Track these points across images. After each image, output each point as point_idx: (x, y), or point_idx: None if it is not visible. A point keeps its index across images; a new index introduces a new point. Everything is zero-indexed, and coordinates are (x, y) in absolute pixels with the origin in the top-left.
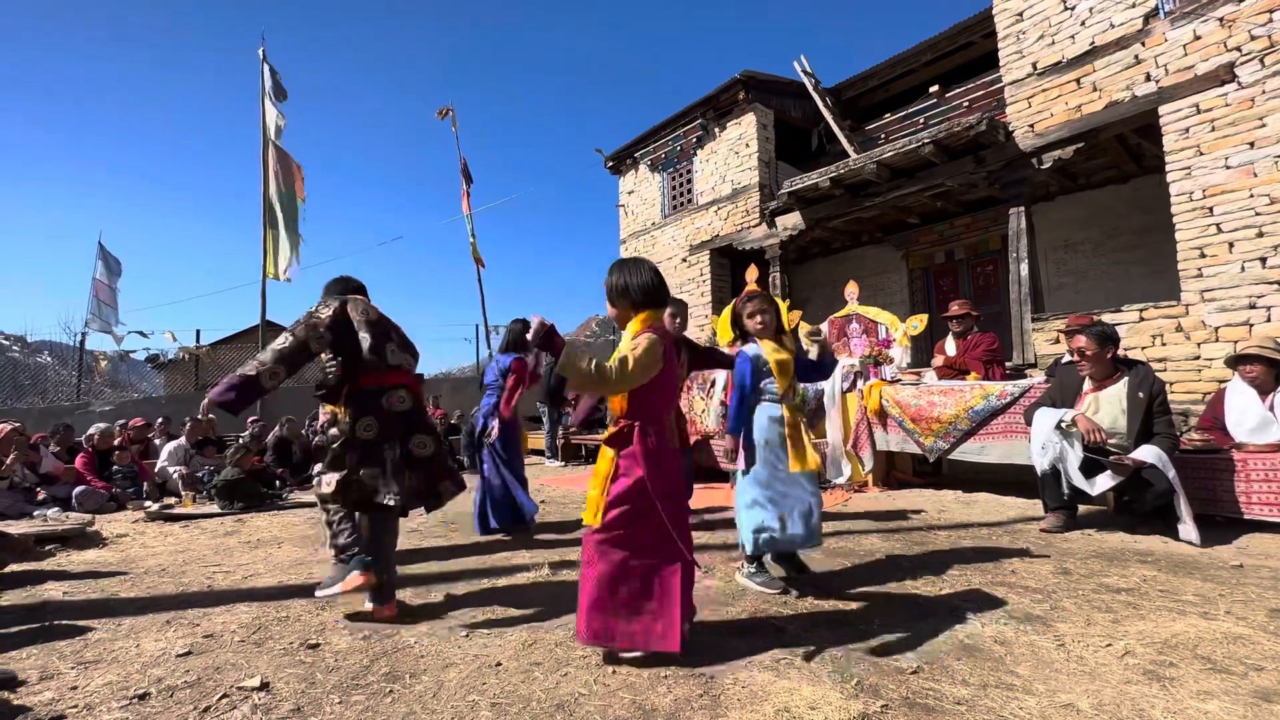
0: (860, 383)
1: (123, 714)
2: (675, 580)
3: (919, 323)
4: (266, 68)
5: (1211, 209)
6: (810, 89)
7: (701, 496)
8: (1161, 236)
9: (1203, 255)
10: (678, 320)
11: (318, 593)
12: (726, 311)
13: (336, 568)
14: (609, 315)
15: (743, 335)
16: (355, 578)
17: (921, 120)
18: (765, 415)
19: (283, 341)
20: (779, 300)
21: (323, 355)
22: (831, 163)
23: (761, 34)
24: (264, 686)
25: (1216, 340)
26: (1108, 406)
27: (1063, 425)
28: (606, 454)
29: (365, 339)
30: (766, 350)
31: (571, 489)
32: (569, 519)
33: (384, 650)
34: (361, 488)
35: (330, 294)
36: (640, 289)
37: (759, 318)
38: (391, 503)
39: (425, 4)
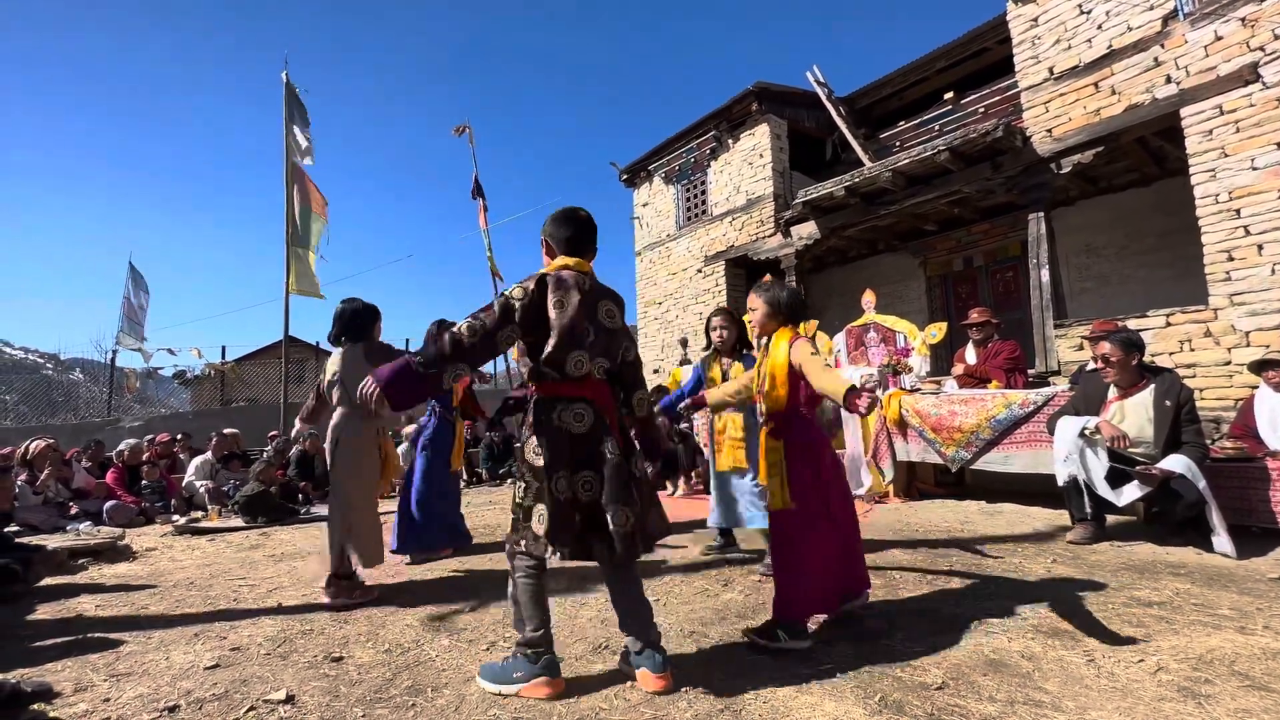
0: (879, 392)
1: None
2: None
3: (938, 331)
4: (290, 89)
5: (1239, 211)
6: (823, 98)
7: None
8: (1186, 239)
9: (1230, 258)
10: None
11: (489, 686)
12: (746, 317)
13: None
14: (755, 320)
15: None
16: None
17: (937, 128)
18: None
19: (461, 331)
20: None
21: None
22: (846, 172)
23: (774, 45)
24: (289, 699)
25: (1248, 345)
26: (1134, 415)
27: (1086, 432)
28: (774, 444)
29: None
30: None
31: None
32: None
33: (406, 664)
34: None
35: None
36: (792, 304)
37: (719, 332)
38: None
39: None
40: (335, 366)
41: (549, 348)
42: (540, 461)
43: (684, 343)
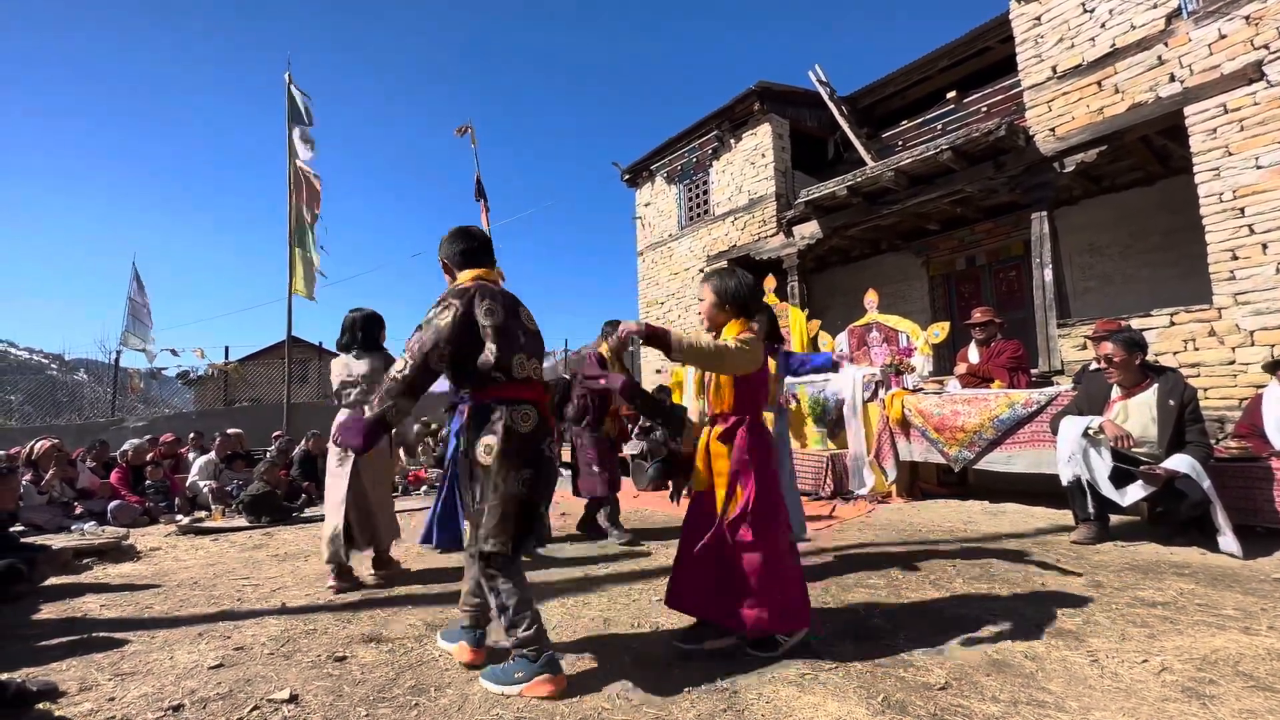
0: (881, 392)
1: None
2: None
3: (940, 330)
4: (293, 91)
5: (1243, 210)
6: (826, 98)
7: None
8: (1191, 238)
9: (1235, 257)
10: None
11: (493, 688)
12: (794, 307)
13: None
14: (702, 313)
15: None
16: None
17: (939, 127)
18: None
19: (402, 367)
20: (796, 311)
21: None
22: (848, 171)
23: (776, 45)
24: (293, 699)
25: (1252, 344)
26: (1137, 414)
27: (1090, 432)
28: (721, 450)
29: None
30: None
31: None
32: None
33: (409, 664)
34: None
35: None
36: (744, 294)
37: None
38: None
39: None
40: (349, 373)
41: (493, 353)
42: (490, 462)
43: None
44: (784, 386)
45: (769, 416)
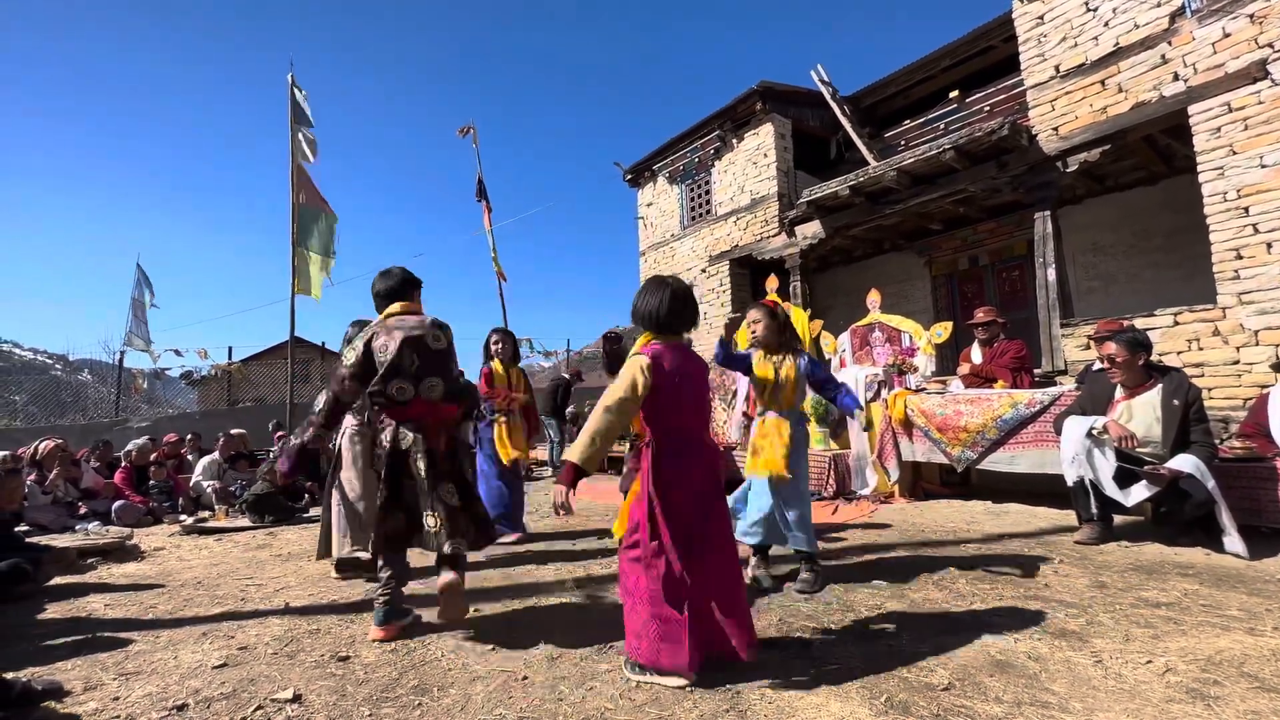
0: (884, 392)
1: None
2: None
3: (943, 330)
4: (295, 92)
5: (1247, 209)
6: (828, 98)
7: None
8: (1195, 238)
9: (1239, 257)
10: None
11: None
12: (801, 314)
13: None
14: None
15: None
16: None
17: (942, 126)
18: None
19: (321, 400)
20: (798, 311)
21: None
22: (851, 171)
23: (778, 44)
24: (297, 699)
25: (1256, 344)
26: (1141, 414)
27: (1094, 432)
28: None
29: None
30: (754, 361)
31: (591, 501)
32: (589, 529)
33: (412, 663)
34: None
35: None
36: (643, 316)
37: (755, 327)
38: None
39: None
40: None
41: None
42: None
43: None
44: (804, 394)
45: (784, 423)
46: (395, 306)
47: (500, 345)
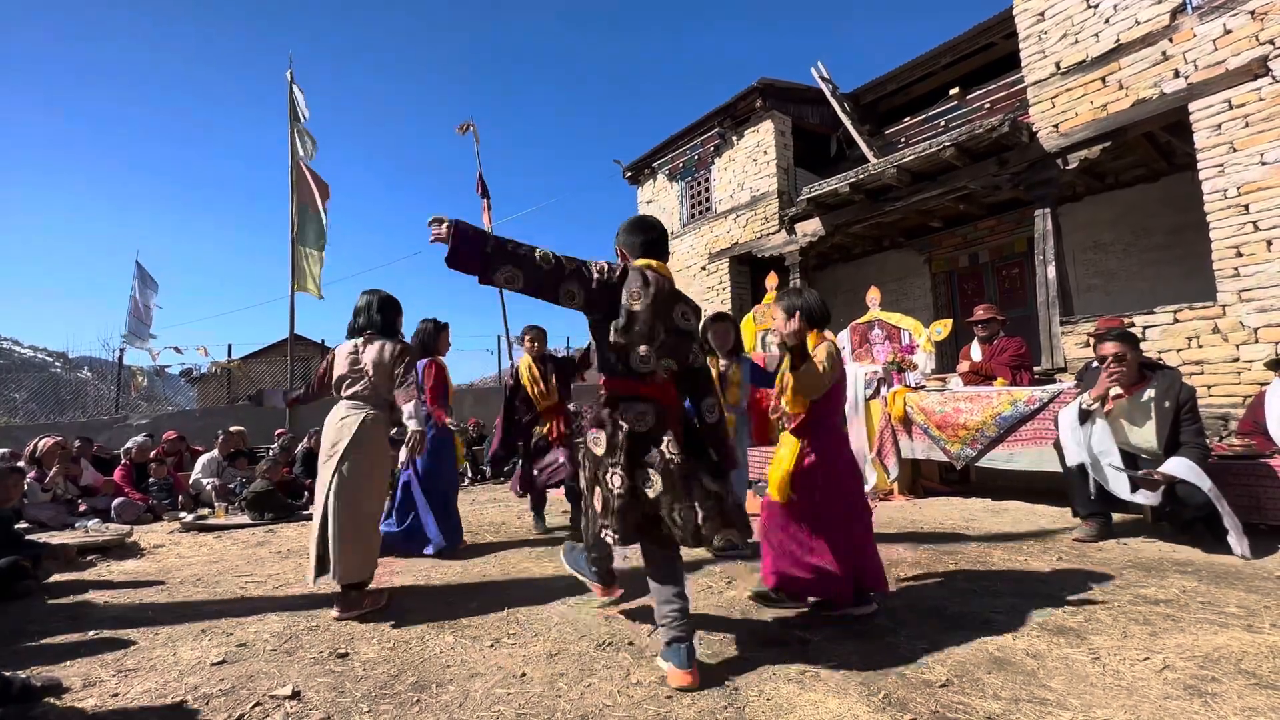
0: (884, 389)
1: None
2: None
3: (943, 328)
4: (294, 89)
5: (1247, 206)
6: (828, 95)
7: None
8: (1195, 236)
9: (1239, 254)
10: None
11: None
12: (748, 317)
13: None
14: (782, 329)
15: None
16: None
17: (942, 123)
18: None
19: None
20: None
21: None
22: (851, 168)
23: (779, 41)
24: (295, 695)
25: (1256, 341)
26: (1135, 414)
27: (1083, 406)
28: (792, 441)
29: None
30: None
31: None
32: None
33: (411, 660)
34: None
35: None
36: (817, 311)
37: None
38: None
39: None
40: (356, 363)
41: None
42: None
43: None
44: (746, 391)
45: (731, 419)
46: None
47: (535, 343)
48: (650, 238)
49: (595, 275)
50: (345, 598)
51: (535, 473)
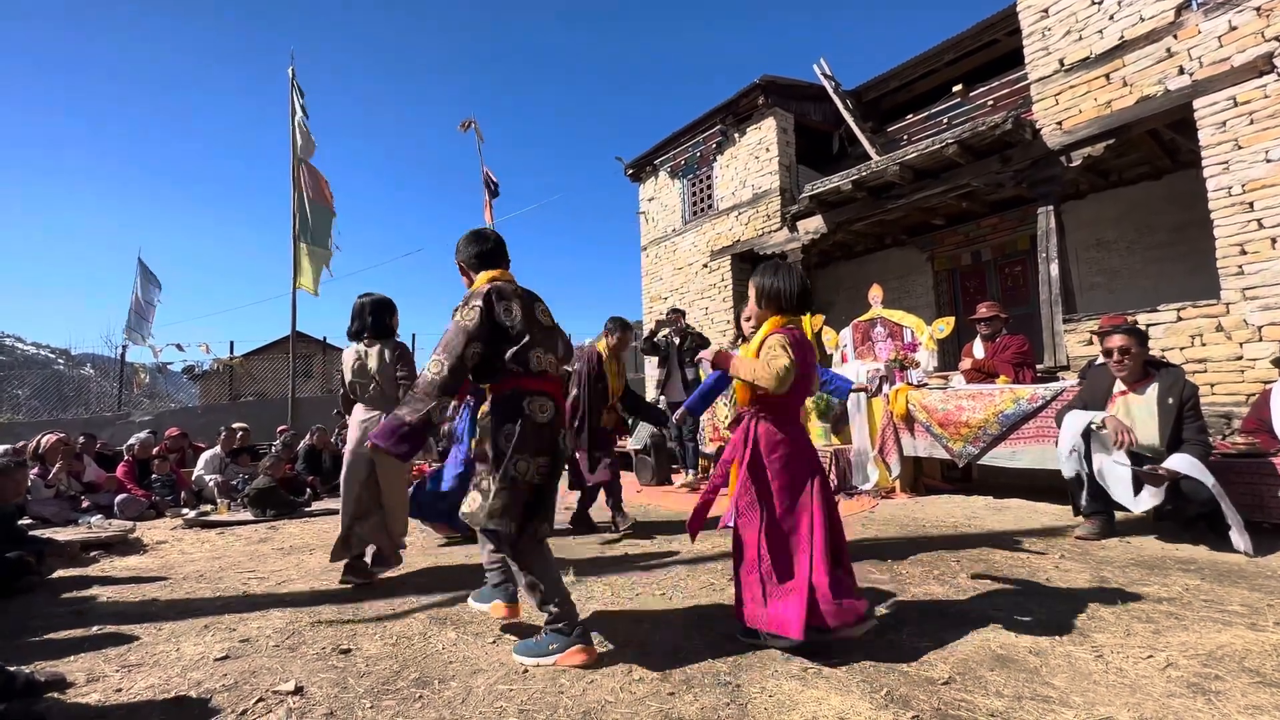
0: (886, 387)
1: (164, 717)
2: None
3: (945, 325)
4: (295, 86)
5: (1252, 204)
6: (830, 92)
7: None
8: (1199, 233)
9: (1243, 252)
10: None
11: (527, 660)
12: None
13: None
14: (748, 312)
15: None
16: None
17: (945, 120)
18: None
19: (438, 369)
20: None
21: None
22: (853, 165)
23: (781, 38)
24: (298, 691)
25: (1260, 339)
26: (1139, 410)
27: (1093, 427)
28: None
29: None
30: None
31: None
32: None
33: (414, 656)
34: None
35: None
36: (791, 296)
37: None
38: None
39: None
40: (364, 366)
41: (513, 349)
42: (508, 447)
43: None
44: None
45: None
46: (496, 272)
47: (624, 339)
48: (486, 248)
49: (477, 322)
50: (359, 568)
51: (607, 463)
